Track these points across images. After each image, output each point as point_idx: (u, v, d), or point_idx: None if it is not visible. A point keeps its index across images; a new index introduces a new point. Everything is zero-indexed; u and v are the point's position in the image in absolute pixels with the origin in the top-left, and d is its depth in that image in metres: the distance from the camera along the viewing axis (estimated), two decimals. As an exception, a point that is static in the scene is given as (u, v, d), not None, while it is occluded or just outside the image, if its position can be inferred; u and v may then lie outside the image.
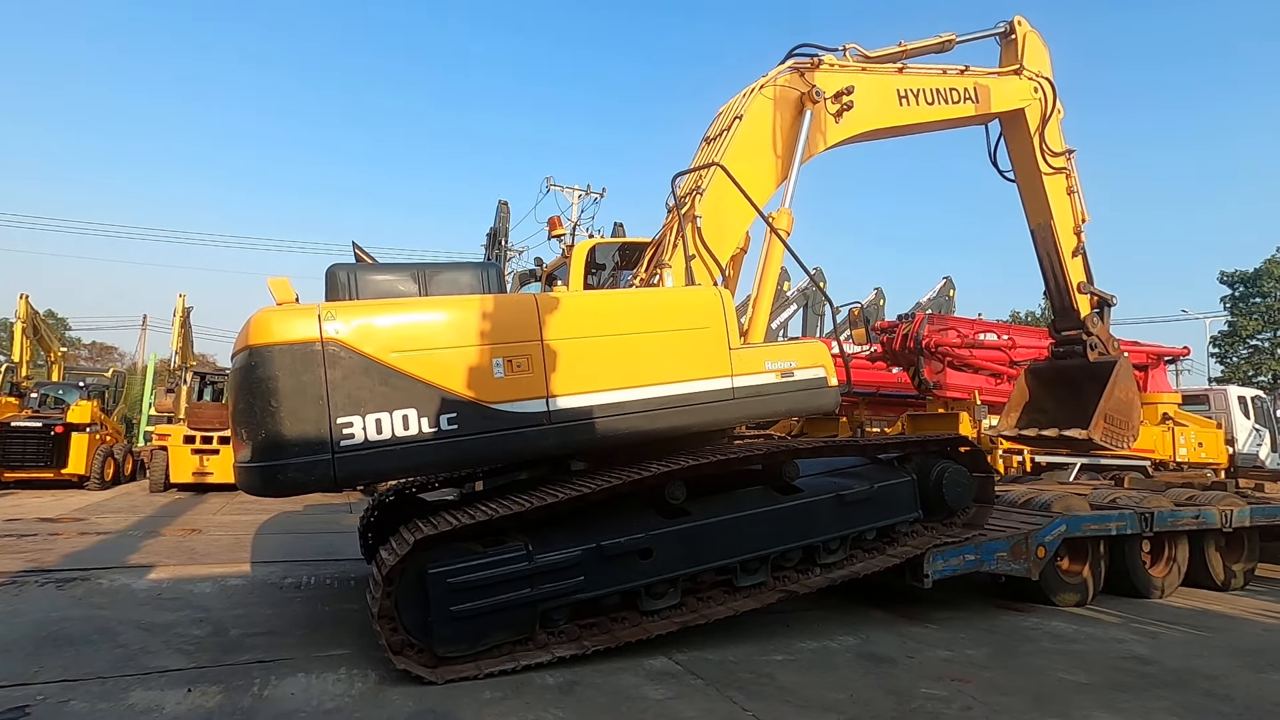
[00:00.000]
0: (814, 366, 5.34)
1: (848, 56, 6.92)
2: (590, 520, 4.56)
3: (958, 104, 7.53)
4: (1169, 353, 14.81)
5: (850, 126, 6.74)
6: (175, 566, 7.07)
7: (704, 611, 4.73)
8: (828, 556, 5.27)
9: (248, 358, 4.00)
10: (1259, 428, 14.77)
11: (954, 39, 7.67)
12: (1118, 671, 4.55)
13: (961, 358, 11.90)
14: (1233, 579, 7.43)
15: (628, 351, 4.74)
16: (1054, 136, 8.00)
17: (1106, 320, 8.32)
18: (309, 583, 6.55)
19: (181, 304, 20.11)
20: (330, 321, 4.05)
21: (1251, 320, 38.20)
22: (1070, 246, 8.15)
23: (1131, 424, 7.90)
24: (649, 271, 6.01)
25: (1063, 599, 6.30)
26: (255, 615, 5.34)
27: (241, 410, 4.09)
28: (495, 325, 4.39)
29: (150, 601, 5.67)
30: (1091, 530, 6.39)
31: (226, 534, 9.37)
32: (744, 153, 6.15)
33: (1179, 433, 12.45)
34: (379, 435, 4.05)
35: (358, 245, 5.17)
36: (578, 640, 4.37)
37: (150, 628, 4.92)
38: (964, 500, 5.82)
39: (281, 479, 3.93)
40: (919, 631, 5.31)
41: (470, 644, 4.07)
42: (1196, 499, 7.43)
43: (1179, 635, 5.53)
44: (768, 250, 6.09)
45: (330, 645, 4.61)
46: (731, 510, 4.91)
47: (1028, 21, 8.08)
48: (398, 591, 4.00)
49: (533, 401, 4.41)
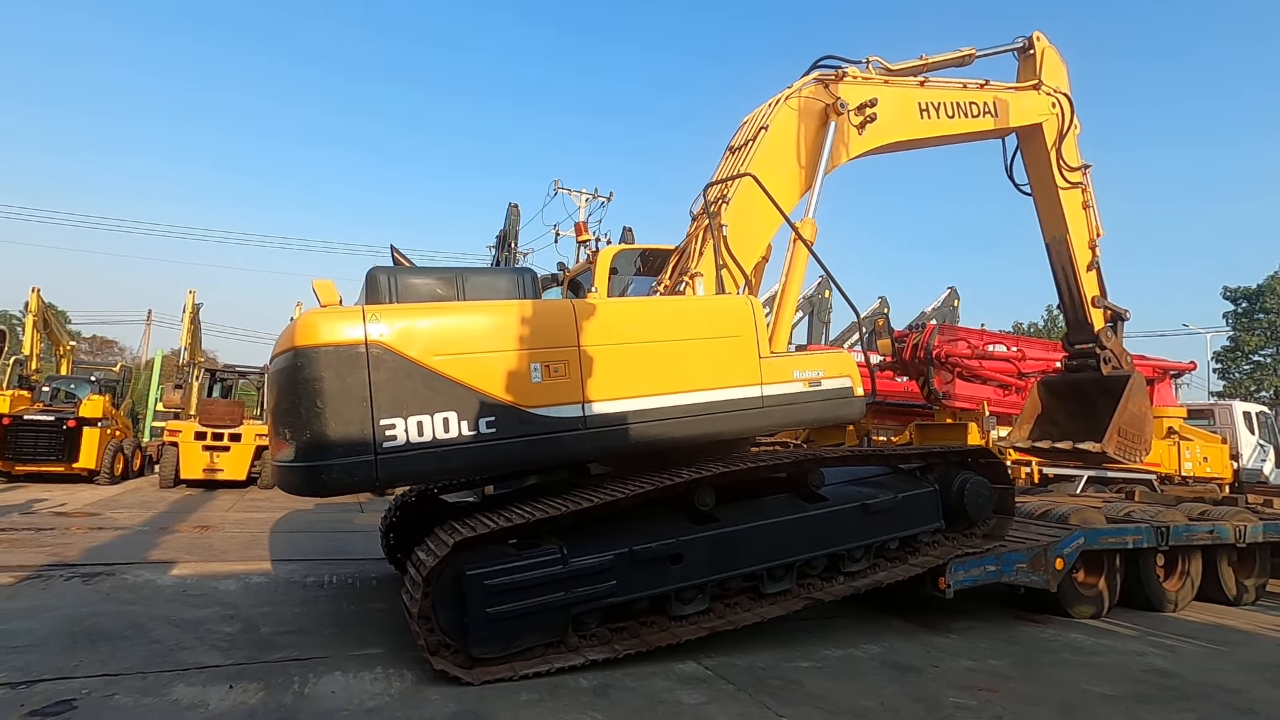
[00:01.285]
0: (841, 376, 5.41)
1: (870, 69, 7.01)
2: (620, 525, 4.61)
3: (977, 118, 7.62)
4: (1175, 367, 14.88)
5: (873, 138, 6.81)
6: (197, 563, 7.11)
7: (731, 617, 4.78)
8: (852, 565, 5.32)
9: (293, 358, 4.06)
10: (1263, 443, 14.88)
11: (974, 53, 7.77)
12: (1140, 684, 4.61)
13: (971, 368, 11.96)
14: (1245, 594, 7.49)
15: (661, 358, 4.80)
16: (1071, 151, 8.09)
17: (1120, 334, 8.41)
18: (331, 581, 6.60)
19: (191, 300, 20.19)
20: (375, 324, 4.11)
21: (1254, 336, 38.36)
22: (1085, 261, 8.23)
23: (1144, 438, 7.98)
24: (674, 279, 6.08)
25: (1079, 611, 6.35)
26: (283, 613, 5.39)
27: (285, 410, 4.14)
28: (534, 330, 4.45)
29: (178, 598, 5.71)
30: (1108, 543, 6.45)
31: (241, 531, 9.40)
32: (770, 163, 6.22)
33: (1184, 447, 12.52)
34: (420, 437, 4.11)
35: (395, 248, 5.24)
36: (609, 644, 4.42)
37: (181, 624, 4.96)
38: (985, 511, 5.88)
39: (325, 479, 3.99)
40: (940, 641, 5.36)
41: (505, 645, 4.12)
42: (1210, 514, 7.49)
43: (1197, 649, 5.59)
44: (792, 259, 6.16)
45: (362, 644, 4.65)
46: (759, 517, 4.96)
47: (1046, 37, 8.18)
48: (434, 592, 4.05)
49: (569, 406, 4.47)
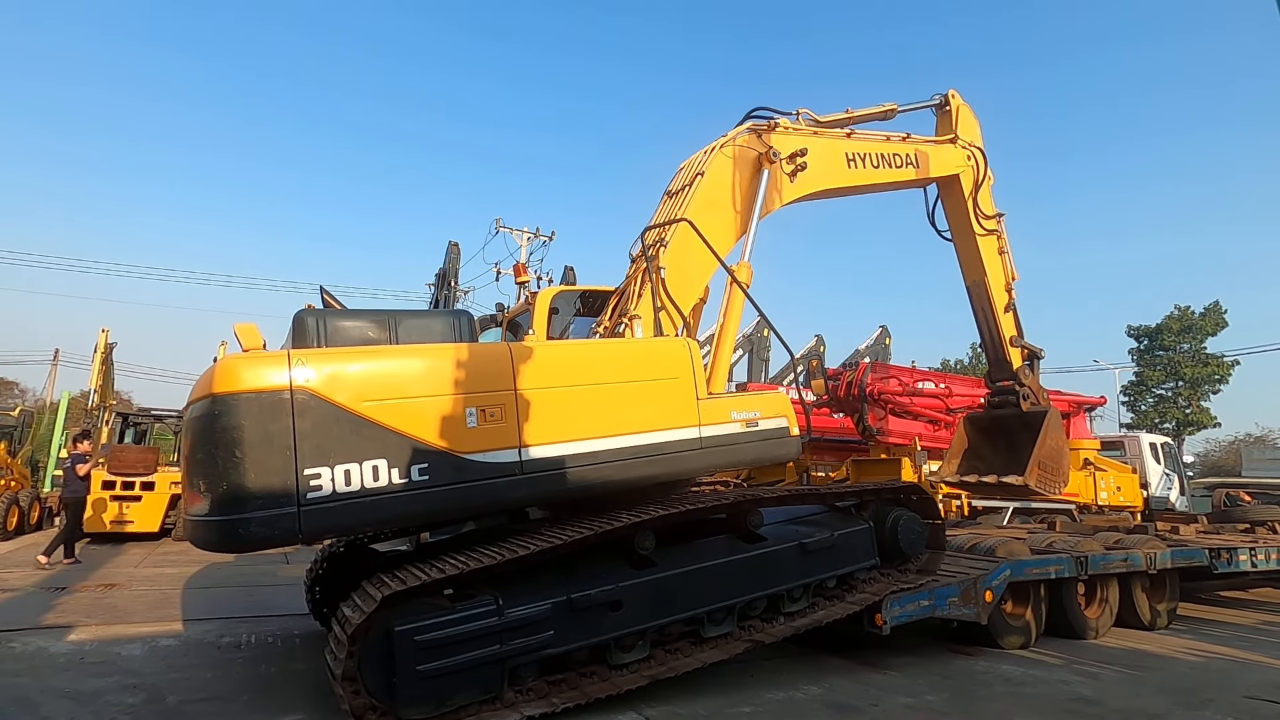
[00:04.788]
0: (777, 416, 5.50)
1: (800, 120, 7.34)
2: (558, 571, 4.51)
3: (900, 168, 8.05)
4: (1088, 401, 15.80)
5: (803, 186, 7.10)
6: (97, 626, 6.55)
7: (672, 664, 4.71)
8: (791, 605, 5.34)
9: (210, 405, 3.85)
10: (1169, 472, 15.83)
11: (895, 108, 8.25)
12: (1068, 714, 4.74)
13: (903, 405, 12.39)
14: (1158, 619, 7.86)
15: (600, 401, 4.78)
16: (986, 201, 8.63)
17: (1036, 372, 8.88)
18: (249, 641, 6.18)
19: (104, 339, 18.96)
20: (300, 369, 3.96)
21: (1156, 371, 41.17)
22: (1002, 303, 8.72)
23: (1062, 470, 8.39)
24: (613, 320, 6.11)
25: (1008, 641, 6.54)
26: (194, 679, 5.00)
27: (200, 461, 3.91)
28: (469, 374, 4.37)
29: (73, 666, 5.23)
30: (1033, 574, 6.69)
31: (151, 588, 8.75)
32: (706, 207, 6.39)
33: (1099, 477, 13.22)
34: (348, 486, 3.94)
35: (325, 290, 5.09)
36: (546, 698, 4.27)
37: (76, 696, 4.54)
38: (918, 547, 6.03)
39: (243, 533, 3.76)
40: (878, 678, 5.40)
41: (437, 705, 3.93)
42: (1123, 542, 7.89)
43: (1117, 675, 5.81)
44: (728, 301, 6.29)
45: (281, 710, 4.36)
46: (699, 560, 4.94)
47: (960, 95, 8.76)
48: (360, 650, 3.84)
49: (505, 451, 4.38)
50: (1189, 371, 39.54)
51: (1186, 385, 39.91)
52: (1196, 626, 8.26)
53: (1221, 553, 8.45)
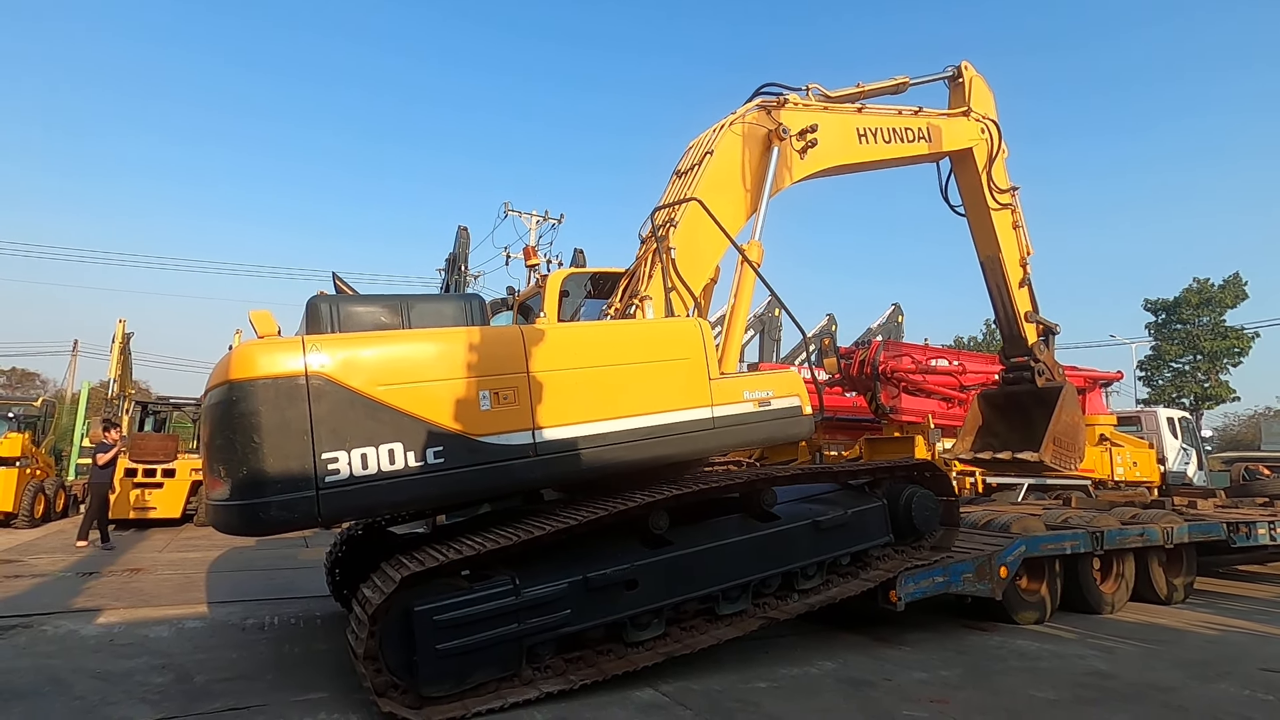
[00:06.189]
0: (790, 395, 5.49)
1: (810, 96, 7.23)
2: (574, 551, 4.56)
3: (912, 143, 7.93)
4: (1105, 377, 15.64)
5: (814, 163, 7.01)
6: (125, 609, 6.71)
7: (687, 641, 4.76)
8: (805, 582, 5.37)
9: (228, 392, 3.90)
10: (1186, 447, 15.69)
11: (907, 81, 8.10)
12: (1081, 687, 4.76)
13: (916, 383, 12.33)
14: (1175, 593, 7.84)
15: (611, 383, 4.79)
16: (1000, 174, 8.49)
17: (1051, 347, 8.80)
18: (272, 623, 6.30)
19: (121, 329, 19.18)
20: (315, 354, 3.99)
21: (1173, 345, 40.62)
22: (1017, 278, 8.61)
23: (1078, 446, 8.33)
24: (624, 302, 6.11)
25: (1023, 617, 6.55)
26: (219, 659, 5.11)
27: (220, 446, 3.97)
28: (482, 357, 4.39)
29: (103, 648, 5.37)
30: (1048, 550, 6.68)
31: (176, 573, 8.93)
32: (715, 187, 6.33)
33: (1116, 453, 13.12)
34: (365, 470, 3.99)
35: (338, 276, 5.12)
36: (564, 675, 4.34)
37: (107, 676, 4.66)
38: (932, 523, 6.03)
39: (264, 517, 3.82)
40: (893, 654, 5.44)
41: (456, 683, 4.00)
42: (1140, 517, 7.85)
43: (1132, 649, 5.81)
44: (740, 281, 6.26)
45: (305, 689, 4.45)
46: (713, 539, 4.97)
47: (973, 67, 8.59)
48: (381, 630, 3.91)
49: (519, 434, 4.41)
50: (1208, 345, 38.93)
51: (1205, 359, 39.33)
52: (1214, 600, 8.23)
53: (1240, 526, 8.39)
